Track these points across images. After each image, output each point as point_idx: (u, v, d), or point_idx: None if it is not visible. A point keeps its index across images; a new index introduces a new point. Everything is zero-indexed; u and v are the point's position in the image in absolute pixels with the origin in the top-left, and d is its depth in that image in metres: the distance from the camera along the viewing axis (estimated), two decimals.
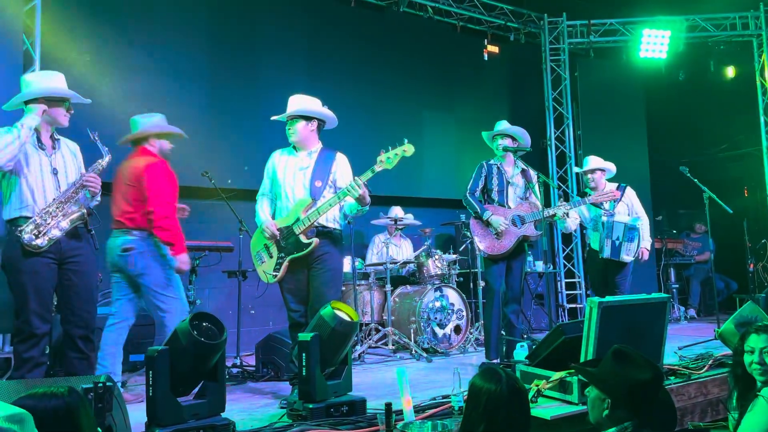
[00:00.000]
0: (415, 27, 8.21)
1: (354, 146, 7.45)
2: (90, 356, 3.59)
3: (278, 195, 4.04)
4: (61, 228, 3.41)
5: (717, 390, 3.92)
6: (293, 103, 4.07)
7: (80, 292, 3.52)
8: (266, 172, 4.12)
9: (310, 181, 3.94)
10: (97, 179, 3.57)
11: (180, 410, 2.82)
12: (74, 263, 3.50)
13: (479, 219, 4.91)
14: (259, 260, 4.00)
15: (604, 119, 9.00)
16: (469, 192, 4.97)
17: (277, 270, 3.87)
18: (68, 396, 1.72)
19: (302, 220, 3.83)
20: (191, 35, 6.56)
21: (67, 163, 3.61)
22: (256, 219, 4.05)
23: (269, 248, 3.94)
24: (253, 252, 4.04)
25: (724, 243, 8.84)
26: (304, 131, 4.01)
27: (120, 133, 5.90)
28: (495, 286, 4.84)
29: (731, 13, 9.00)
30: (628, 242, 5.46)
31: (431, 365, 5.34)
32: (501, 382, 1.87)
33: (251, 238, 4.11)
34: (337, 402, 3.21)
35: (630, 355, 1.95)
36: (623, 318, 3.45)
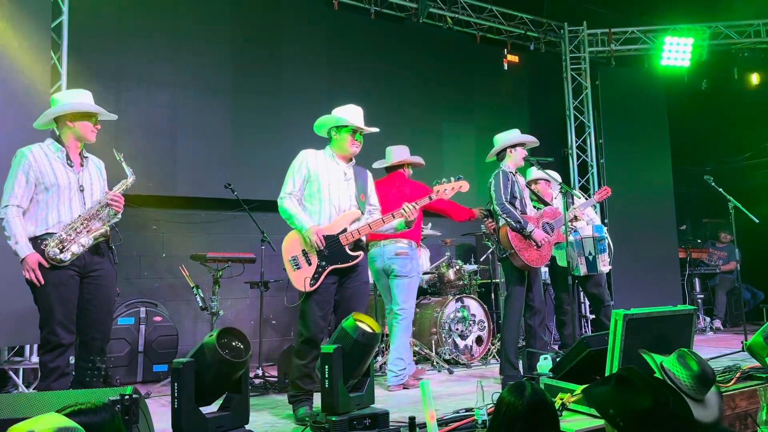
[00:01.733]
0: (435, 38, 8.24)
1: (374, 157, 7.49)
2: (101, 367, 3.64)
3: (315, 198, 3.85)
4: (83, 243, 3.50)
5: (745, 403, 3.84)
6: (360, 114, 4.09)
7: (99, 305, 3.59)
8: (299, 170, 3.88)
9: (356, 194, 3.95)
10: (121, 199, 3.65)
11: (204, 422, 2.84)
12: (95, 277, 3.59)
13: (518, 231, 4.69)
14: (294, 265, 3.73)
15: (626, 128, 8.91)
16: (506, 201, 4.71)
17: (316, 278, 3.70)
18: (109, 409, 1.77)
19: (350, 232, 3.80)
20: (215, 50, 6.65)
21: (93, 180, 3.70)
22: (293, 220, 3.79)
23: (307, 254, 3.73)
24: (287, 256, 3.75)
25: (750, 252, 8.71)
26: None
27: (145, 147, 6.03)
28: (521, 301, 4.75)
29: (755, 20, 8.89)
30: (601, 253, 5.37)
31: (452, 377, 5.32)
32: (522, 396, 1.89)
33: (283, 241, 3.81)
34: (359, 415, 3.19)
35: (631, 380, 1.88)
36: (649, 330, 3.41)
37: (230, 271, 5.10)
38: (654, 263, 6.48)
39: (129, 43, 6.14)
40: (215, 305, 4.73)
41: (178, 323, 5.90)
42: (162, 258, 6.24)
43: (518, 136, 4.97)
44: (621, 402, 1.88)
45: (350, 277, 3.83)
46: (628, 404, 1.85)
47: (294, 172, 3.89)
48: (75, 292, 3.52)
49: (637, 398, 1.83)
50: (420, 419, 2.87)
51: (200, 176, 6.31)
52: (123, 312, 5.60)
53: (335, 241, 3.76)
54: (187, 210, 6.31)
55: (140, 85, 6.18)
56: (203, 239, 6.32)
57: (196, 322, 6.24)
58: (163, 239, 6.27)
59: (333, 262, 3.74)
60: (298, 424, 3.58)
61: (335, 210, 3.85)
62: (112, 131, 5.90)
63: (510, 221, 4.68)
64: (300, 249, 3.75)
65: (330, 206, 3.84)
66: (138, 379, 5.40)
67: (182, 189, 6.26)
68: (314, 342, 3.72)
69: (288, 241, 3.79)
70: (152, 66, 6.26)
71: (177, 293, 6.22)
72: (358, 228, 3.82)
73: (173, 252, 6.20)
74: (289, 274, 3.75)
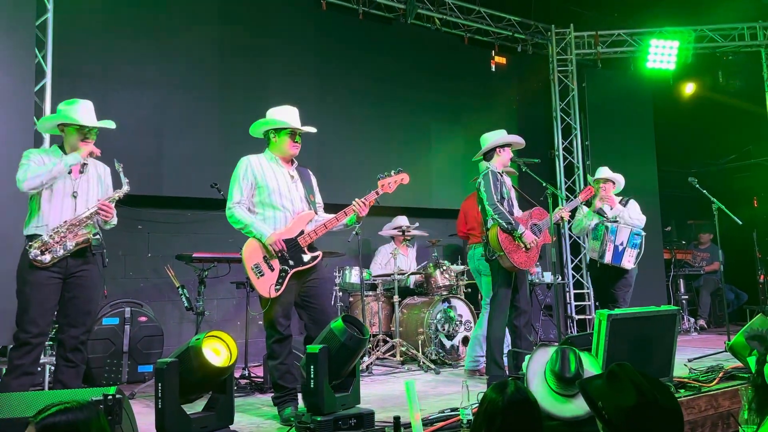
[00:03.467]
0: (423, 39, 8.24)
1: (363, 157, 7.51)
2: (79, 366, 3.71)
3: (267, 204, 3.87)
4: (66, 248, 3.61)
5: (728, 403, 3.88)
6: (296, 115, 4.09)
7: (79, 304, 3.68)
8: (245, 177, 3.87)
9: (305, 194, 4.01)
10: (110, 208, 3.76)
11: (189, 422, 2.83)
12: (78, 277, 3.69)
13: (509, 232, 4.67)
14: (258, 273, 3.75)
15: (612, 130, 8.98)
16: (498, 202, 4.69)
17: (281, 283, 3.74)
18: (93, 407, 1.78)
19: (308, 233, 3.87)
20: (202, 50, 6.61)
21: (91, 187, 3.83)
22: (250, 229, 3.78)
23: (269, 260, 3.76)
24: (249, 264, 3.75)
25: (734, 254, 8.80)
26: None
27: (131, 146, 5.99)
28: (506, 299, 4.76)
29: (739, 24, 8.99)
30: (631, 248, 5.49)
31: (439, 377, 5.33)
32: (504, 393, 1.93)
33: (243, 250, 3.80)
34: (345, 415, 3.20)
35: (619, 377, 1.91)
36: (633, 330, 3.45)
37: (216, 271, 5.08)
38: (639, 264, 6.53)
39: (115, 42, 6.09)
40: (201, 305, 4.71)
41: (164, 323, 5.86)
42: (147, 258, 6.20)
43: (507, 136, 4.98)
44: (609, 396, 1.90)
45: (311, 275, 3.89)
46: (614, 399, 1.87)
47: (239, 180, 3.89)
48: (54, 294, 3.62)
49: (623, 394, 1.85)
50: (405, 419, 2.87)
51: (186, 176, 6.28)
52: (108, 312, 5.55)
53: (295, 244, 3.83)
54: (173, 210, 6.27)
55: (126, 84, 6.13)
56: (189, 239, 6.29)
57: (181, 323, 6.20)
58: (148, 239, 6.23)
59: (295, 266, 3.81)
60: (283, 424, 3.58)
61: (290, 214, 3.89)
62: (99, 130, 5.86)
63: (502, 222, 4.65)
64: (261, 256, 3.77)
65: (284, 211, 3.88)
66: (123, 380, 5.35)
67: (168, 188, 6.22)
68: (284, 339, 3.78)
69: (248, 250, 3.79)
70: (139, 65, 6.21)
71: (162, 293, 6.18)
72: (314, 229, 3.89)
73: (159, 252, 6.17)
74: (253, 281, 3.76)
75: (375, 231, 7.13)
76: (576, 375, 2.66)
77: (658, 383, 1.90)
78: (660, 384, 1.90)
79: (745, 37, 9.01)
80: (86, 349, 3.79)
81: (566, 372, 2.69)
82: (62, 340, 3.66)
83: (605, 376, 1.98)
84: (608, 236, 5.55)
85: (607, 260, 5.54)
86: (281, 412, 3.69)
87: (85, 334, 3.72)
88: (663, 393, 1.85)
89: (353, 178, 7.01)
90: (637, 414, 1.81)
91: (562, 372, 2.70)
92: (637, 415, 1.81)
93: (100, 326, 5.40)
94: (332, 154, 7.19)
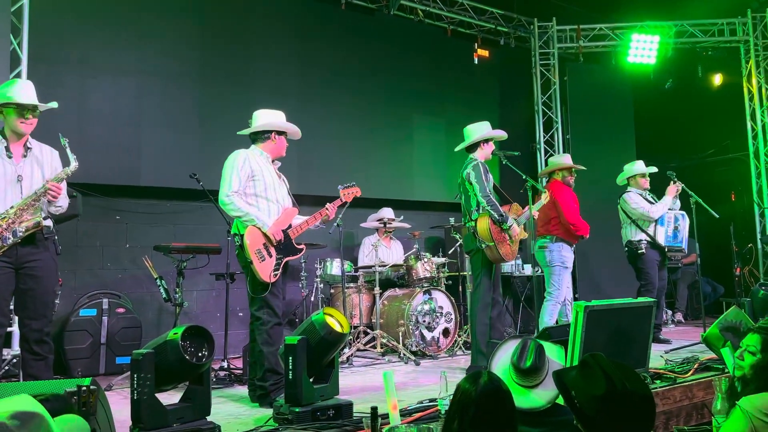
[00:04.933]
0: (406, 30, 8.22)
1: (345, 149, 7.48)
2: (47, 357, 3.64)
3: (261, 197, 4.04)
4: (16, 234, 3.48)
5: (702, 393, 3.94)
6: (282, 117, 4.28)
7: (36, 296, 3.58)
8: (243, 168, 3.99)
9: (288, 190, 4.28)
10: (59, 188, 3.61)
11: (165, 413, 2.81)
12: (31, 268, 3.57)
13: (499, 224, 4.72)
14: (260, 257, 3.90)
15: (593, 123, 9.04)
16: (490, 193, 4.73)
17: (277, 269, 3.95)
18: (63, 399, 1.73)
19: (295, 227, 4.13)
20: (182, 37, 6.53)
21: (35, 170, 3.65)
22: (249, 217, 3.91)
23: (268, 247, 3.96)
24: (254, 249, 3.89)
25: (711, 247, 8.90)
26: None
27: (109, 135, 5.91)
28: (490, 292, 4.81)
29: (719, 19, 9.08)
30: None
31: (419, 368, 5.34)
32: (477, 383, 1.94)
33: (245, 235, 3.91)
34: (323, 406, 3.21)
35: (591, 366, 1.93)
36: (609, 322, 3.47)
37: (195, 263, 5.03)
38: (619, 257, 6.61)
39: (93, 29, 5.99)
40: (179, 297, 4.66)
41: (142, 315, 5.82)
42: (125, 248, 6.13)
43: (492, 130, 5.01)
44: (581, 386, 1.93)
45: (289, 268, 4.19)
46: (585, 388, 1.90)
47: (237, 170, 3.99)
48: (6, 284, 3.50)
49: (593, 383, 1.88)
50: (384, 410, 2.88)
51: (165, 166, 6.21)
52: (85, 303, 5.50)
53: (287, 236, 4.07)
54: (151, 200, 6.21)
55: (104, 72, 6.04)
56: (168, 230, 6.24)
57: (160, 314, 6.15)
58: (126, 229, 6.16)
59: (288, 254, 4.06)
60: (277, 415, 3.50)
61: (279, 208, 4.12)
62: (75, 118, 5.78)
63: (494, 213, 4.69)
64: (261, 243, 3.95)
65: (276, 205, 4.10)
66: (100, 371, 5.31)
67: (147, 178, 6.15)
68: (280, 325, 3.99)
69: (251, 236, 3.94)
70: (117, 53, 6.12)
71: (141, 284, 6.12)
72: (299, 224, 4.17)
73: (137, 242, 6.10)
74: (256, 265, 3.90)
75: (357, 223, 7.11)
76: (533, 368, 2.69)
77: (630, 372, 1.92)
78: (631, 373, 1.92)
79: (725, 33, 9.10)
80: (51, 340, 3.70)
81: (522, 363, 2.73)
82: (25, 334, 3.58)
83: (578, 366, 2.00)
84: (682, 223, 6.28)
85: (682, 244, 6.28)
86: (275, 401, 3.64)
87: (47, 325, 3.64)
88: (634, 381, 1.87)
89: (335, 170, 7.00)
90: (607, 402, 1.83)
91: (518, 363, 2.73)
92: (606, 404, 1.83)
93: (77, 317, 5.36)
94: (314, 146, 7.15)
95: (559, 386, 2.04)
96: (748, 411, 2.32)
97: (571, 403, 1.96)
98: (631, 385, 1.84)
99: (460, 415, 1.90)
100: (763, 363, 2.45)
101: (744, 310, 5.17)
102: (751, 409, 2.32)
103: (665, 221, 6.22)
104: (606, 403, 1.82)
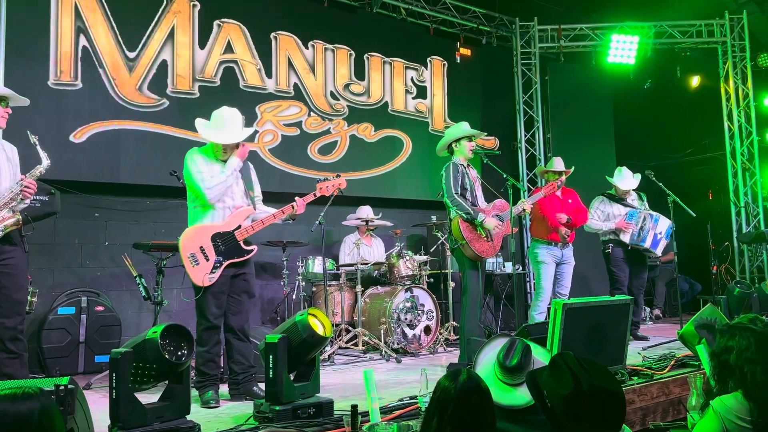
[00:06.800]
0: (389, 28, 8.22)
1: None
2: (22, 355, 3.61)
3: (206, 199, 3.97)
4: None
5: (678, 390, 3.99)
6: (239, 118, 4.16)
7: (10, 294, 3.55)
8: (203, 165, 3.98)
9: (245, 190, 4.16)
10: (33, 186, 3.58)
11: (144, 413, 2.79)
12: (6, 265, 3.54)
13: (469, 222, 4.81)
14: (193, 262, 3.88)
15: (573, 123, 9.13)
16: (456, 193, 4.82)
17: (214, 273, 3.89)
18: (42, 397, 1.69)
19: (245, 228, 4.02)
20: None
21: (2, 167, 3.59)
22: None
23: (205, 250, 3.90)
24: (186, 253, 3.88)
25: (688, 246, 9.04)
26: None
27: (88, 131, 5.84)
28: (476, 288, 4.84)
29: (697, 21, 9.20)
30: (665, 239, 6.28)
31: (401, 366, 5.36)
32: (456, 381, 1.95)
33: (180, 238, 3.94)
34: (304, 404, 3.20)
35: (559, 365, 1.95)
36: (587, 319, 3.51)
37: (175, 261, 4.97)
38: (598, 255, 6.69)
39: (72, 21, 5.91)
40: (159, 295, 4.63)
41: (122, 313, 5.76)
42: (105, 246, 6.07)
43: (464, 130, 5.05)
44: (551, 385, 1.95)
45: (243, 268, 4.07)
46: (555, 387, 1.92)
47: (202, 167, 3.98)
48: None
49: (562, 382, 1.90)
50: (364, 408, 2.89)
51: (145, 163, 6.16)
52: (63, 301, 5.44)
53: (231, 237, 3.97)
54: (131, 197, 6.14)
55: (84, 66, 5.96)
56: (148, 227, 6.19)
57: (140, 312, 6.10)
58: (106, 227, 6.09)
59: (229, 257, 3.96)
60: (203, 406, 3.72)
61: (229, 209, 4.04)
62: (54, 114, 5.71)
63: (461, 213, 4.78)
64: (198, 246, 3.90)
65: (224, 206, 4.02)
66: (79, 370, 5.26)
67: (126, 176, 6.09)
68: (214, 329, 3.95)
69: (185, 239, 3.92)
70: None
71: (120, 282, 6.06)
72: (252, 224, 4.05)
73: (116, 240, 6.04)
74: (188, 270, 3.88)
75: (339, 221, 7.11)
76: (517, 366, 2.72)
77: (599, 369, 1.93)
78: (600, 370, 1.93)
79: (703, 34, 9.23)
80: (25, 338, 3.67)
81: (507, 361, 2.76)
82: None
83: (548, 366, 2.02)
84: (651, 223, 6.19)
85: (647, 245, 6.17)
86: (202, 396, 3.82)
87: (21, 323, 3.61)
88: (602, 379, 1.88)
89: (317, 167, 6.99)
90: (574, 401, 1.85)
91: (504, 361, 2.76)
92: (573, 403, 1.85)
93: (55, 315, 5.30)
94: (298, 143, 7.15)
95: (532, 387, 2.06)
96: (720, 413, 2.36)
97: (543, 403, 1.98)
98: (599, 382, 1.86)
99: (439, 413, 1.91)
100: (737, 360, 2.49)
101: (720, 307, 5.26)
102: (724, 410, 2.36)
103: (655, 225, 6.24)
104: (573, 402, 1.84)
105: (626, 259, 6.35)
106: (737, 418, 2.32)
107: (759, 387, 2.30)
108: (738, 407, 2.33)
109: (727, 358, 2.45)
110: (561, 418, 1.88)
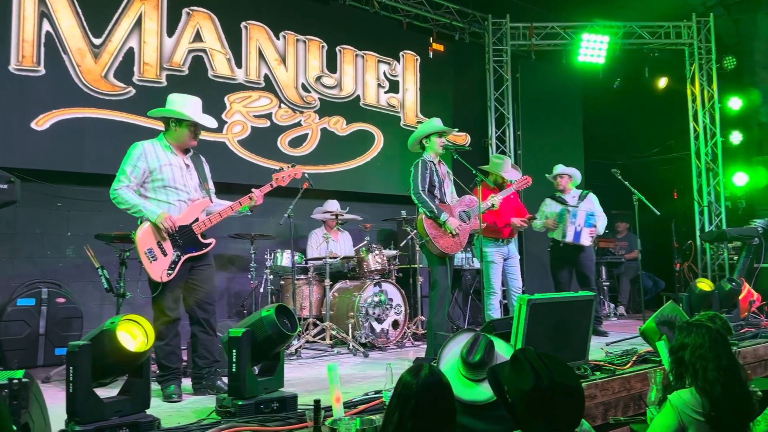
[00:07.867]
0: (361, 21, 8.17)
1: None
2: None
3: (160, 192, 3.94)
4: None
5: (639, 385, 4.07)
6: (200, 107, 4.11)
7: None
8: (138, 162, 3.92)
9: (200, 183, 4.13)
10: None
11: (102, 407, 2.73)
12: None
13: (433, 219, 4.87)
14: (151, 257, 3.82)
15: (543, 121, 9.20)
16: (422, 190, 4.88)
17: (173, 268, 3.86)
18: None
19: (203, 221, 3.98)
20: None
21: None
22: (139, 209, 3.86)
23: (162, 245, 3.86)
24: (143, 249, 3.82)
25: (653, 243, 9.20)
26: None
27: (48, 117, 5.69)
28: (445, 284, 4.91)
29: (666, 22, 9.34)
30: (587, 227, 6.32)
31: (368, 360, 5.36)
32: (418, 376, 1.96)
33: (136, 234, 3.86)
34: (267, 398, 3.18)
35: (520, 361, 1.97)
36: (551, 315, 3.55)
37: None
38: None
39: (36, 6, 5.75)
40: (121, 287, 4.54)
41: (84, 305, 5.64)
42: (67, 236, 5.93)
43: (434, 126, 5.08)
44: (511, 380, 1.97)
45: (201, 261, 4.04)
46: (515, 383, 1.93)
47: (132, 164, 3.92)
48: None
49: (522, 377, 1.91)
50: (328, 402, 2.87)
51: (110, 152, 6.01)
52: (23, 293, 5.30)
53: (189, 230, 3.94)
54: (94, 187, 5.99)
55: (48, 52, 5.81)
56: (112, 218, 6.02)
57: (102, 304, 5.98)
58: (68, 217, 5.95)
59: (187, 251, 3.93)
60: (165, 400, 3.71)
61: (185, 202, 4.01)
62: (15, 100, 5.55)
63: (425, 210, 4.87)
64: (154, 241, 3.85)
65: (179, 199, 3.98)
66: (39, 363, 5.14)
67: (90, 165, 5.95)
68: (172, 322, 3.94)
69: (141, 234, 3.86)
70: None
71: (83, 274, 5.93)
72: (209, 217, 4.03)
73: (79, 230, 5.90)
74: (146, 266, 3.84)
75: (308, 214, 7.06)
76: (480, 362, 2.73)
77: (559, 365, 1.95)
78: (561, 366, 1.96)
79: (671, 36, 9.37)
80: None
81: (470, 357, 2.78)
82: None
83: (509, 362, 2.04)
84: (570, 219, 6.33)
85: (569, 239, 6.33)
86: (164, 390, 3.80)
87: None
88: (562, 374, 1.91)
89: (286, 160, 6.92)
90: (534, 396, 1.87)
91: (467, 356, 2.77)
92: (533, 398, 1.87)
93: (14, 307, 5.17)
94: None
95: (493, 382, 2.08)
96: (677, 407, 2.41)
97: (504, 398, 2.00)
98: (559, 378, 1.88)
99: (401, 408, 1.91)
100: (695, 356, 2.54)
101: (682, 304, 5.38)
102: (681, 404, 2.42)
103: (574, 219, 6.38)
104: (533, 397, 1.86)
105: (563, 257, 6.56)
106: (693, 411, 2.39)
107: (710, 383, 2.36)
108: (693, 401, 2.40)
109: (683, 355, 2.52)
110: (521, 414, 1.90)
